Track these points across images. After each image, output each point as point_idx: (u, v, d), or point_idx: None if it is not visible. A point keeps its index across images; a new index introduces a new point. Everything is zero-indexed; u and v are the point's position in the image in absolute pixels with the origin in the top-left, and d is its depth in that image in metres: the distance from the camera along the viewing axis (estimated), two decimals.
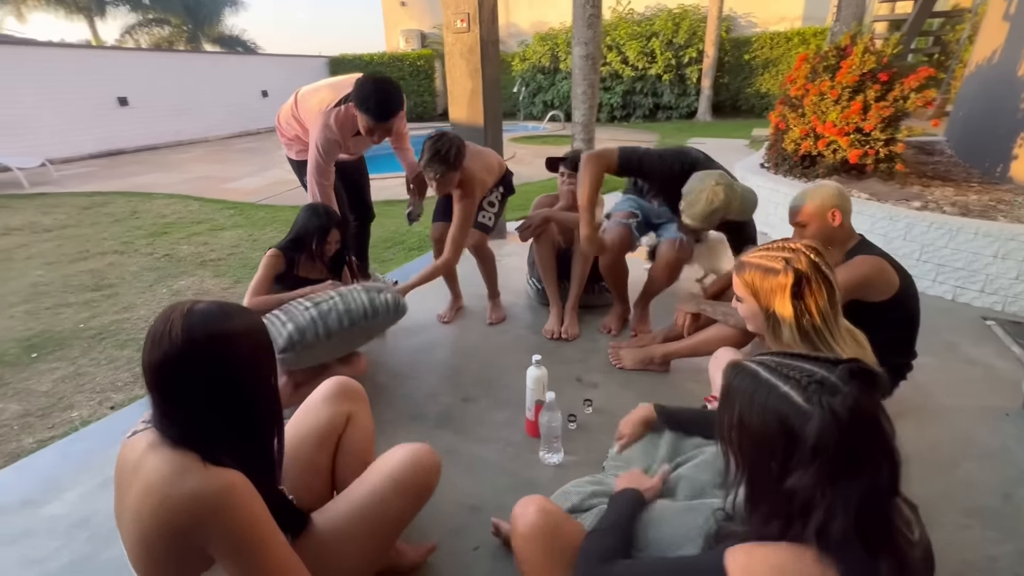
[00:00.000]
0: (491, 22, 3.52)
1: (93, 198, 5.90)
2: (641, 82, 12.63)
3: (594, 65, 5.37)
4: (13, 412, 2.14)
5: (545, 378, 1.75)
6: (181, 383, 0.83)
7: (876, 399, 0.63)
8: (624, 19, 12.82)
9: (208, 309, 0.87)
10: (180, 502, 0.78)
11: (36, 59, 8.28)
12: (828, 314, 1.11)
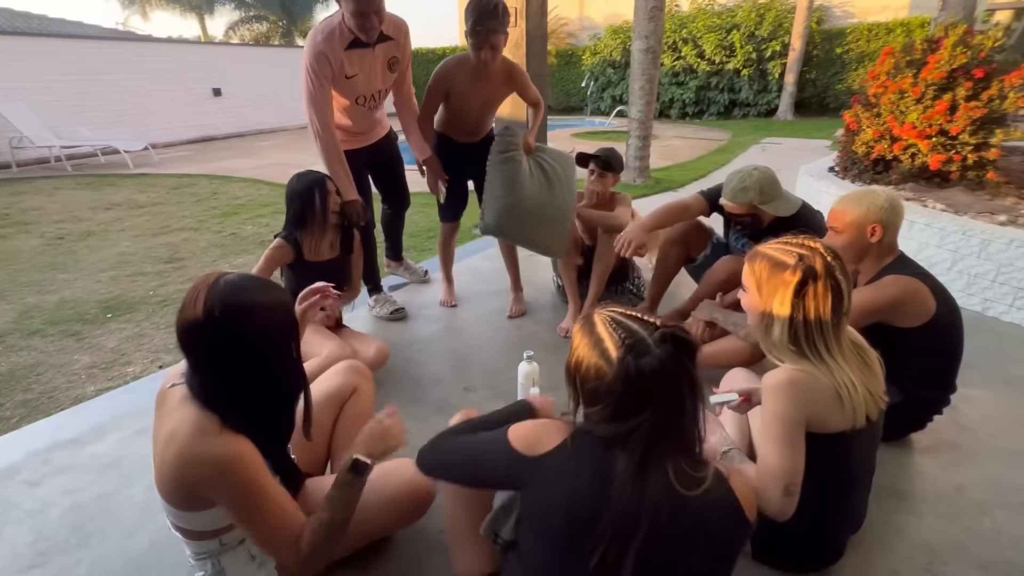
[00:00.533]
0: (539, 16, 3.51)
1: (182, 179, 6.55)
2: (717, 77, 12.02)
3: (654, 60, 5.20)
4: (83, 363, 2.45)
5: (536, 374, 1.75)
6: (204, 349, 0.93)
7: (683, 363, 0.76)
8: (704, 11, 12.22)
9: (231, 281, 0.94)
10: (192, 460, 0.90)
11: (146, 54, 9.31)
12: (827, 323, 1.03)
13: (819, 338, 1.03)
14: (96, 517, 1.49)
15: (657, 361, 0.74)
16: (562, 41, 14.93)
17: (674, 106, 12.73)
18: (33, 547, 1.39)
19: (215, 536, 1.02)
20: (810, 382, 1.03)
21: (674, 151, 8.18)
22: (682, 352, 0.76)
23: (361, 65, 2.14)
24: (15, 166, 7.24)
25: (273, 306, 0.97)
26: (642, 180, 5.71)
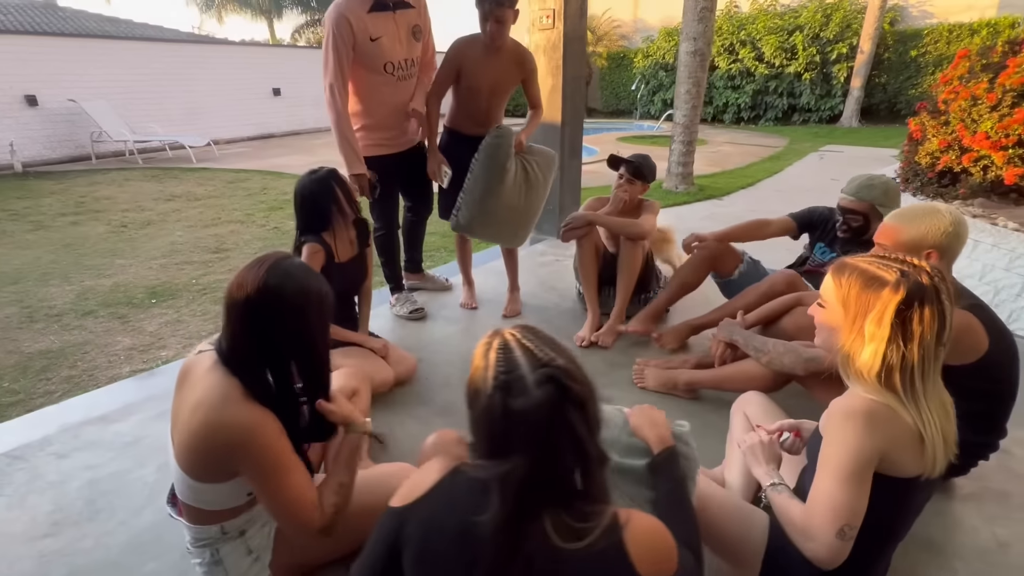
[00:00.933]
0: (578, 18, 3.45)
1: (238, 174, 6.92)
2: (776, 81, 11.48)
3: (703, 63, 5.01)
4: (124, 345, 2.62)
5: None
6: (248, 318, 0.98)
7: (563, 410, 0.66)
8: (765, 12, 11.71)
9: (292, 264, 1.04)
10: (220, 426, 0.95)
11: (213, 55, 9.92)
12: (930, 357, 0.89)
13: (917, 371, 0.88)
14: (108, 493, 1.57)
15: (530, 404, 0.65)
16: (614, 43, 14.71)
17: (728, 110, 12.27)
18: (50, 517, 1.48)
19: (219, 520, 1.06)
20: (890, 416, 0.90)
21: (723, 157, 7.86)
22: (564, 398, 0.66)
23: (385, 28, 2.13)
24: (94, 158, 7.89)
25: (321, 296, 1.05)
26: (685, 187, 5.51)
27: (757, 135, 10.38)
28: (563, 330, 2.53)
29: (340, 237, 1.94)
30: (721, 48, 11.83)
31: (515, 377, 0.67)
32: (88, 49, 8.10)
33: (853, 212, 1.98)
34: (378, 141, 2.33)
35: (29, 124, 7.40)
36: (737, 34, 11.62)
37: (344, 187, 1.89)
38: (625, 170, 2.47)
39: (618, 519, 0.69)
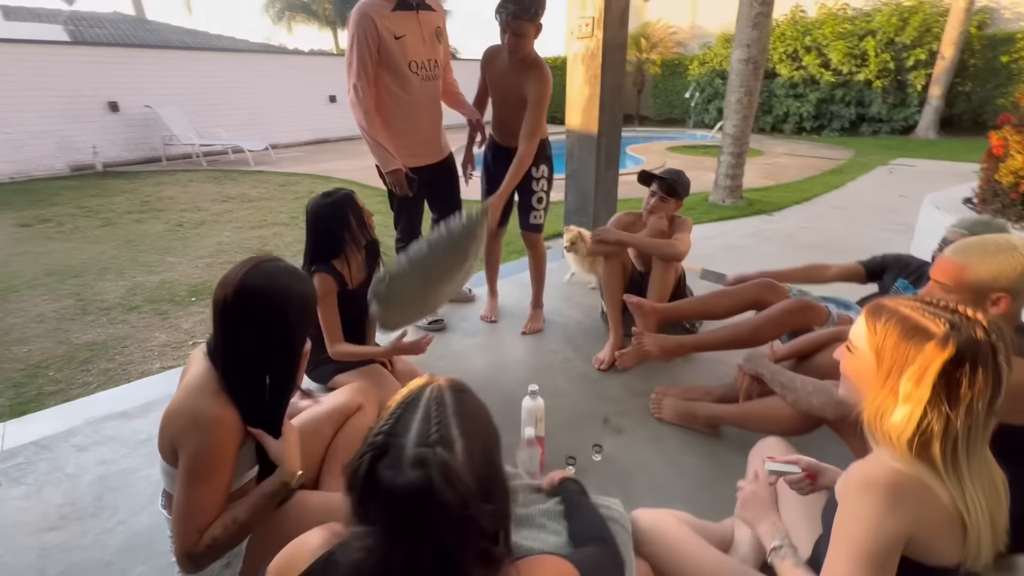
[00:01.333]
0: (618, 26, 3.34)
1: (290, 177, 7.22)
2: (844, 89, 10.78)
3: (756, 71, 4.76)
4: (160, 341, 2.74)
5: (539, 411, 1.61)
6: (223, 318, 1.04)
7: (441, 499, 0.54)
8: (834, 16, 11.04)
9: (272, 266, 1.07)
10: (185, 412, 1.01)
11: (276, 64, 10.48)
12: (978, 426, 0.75)
13: (962, 443, 0.74)
14: (116, 490, 1.61)
15: (397, 483, 0.54)
16: (669, 50, 14.33)
17: (789, 120, 11.64)
18: (59, 510, 1.54)
19: None
20: (920, 491, 0.75)
21: (779, 170, 7.44)
22: (446, 485, 0.54)
23: (408, 27, 2.12)
24: (165, 160, 8.49)
25: (299, 301, 1.08)
26: (732, 200, 5.23)
27: (820, 146, 9.78)
28: (583, 350, 2.43)
29: (352, 263, 1.86)
30: (783, 55, 11.26)
31: (393, 444, 0.57)
32: (163, 59, 8.75)
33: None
34: (407, 151, 2.27)
35: (111, 128, 8.06)
36: (801, 40, 11.02)
37: (358, 213, 1.80)
38: (658, 187, 2.35)
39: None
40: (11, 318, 3.00)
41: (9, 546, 1.42)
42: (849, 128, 11.10)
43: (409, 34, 2.12)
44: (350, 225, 1.78)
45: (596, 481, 1.63)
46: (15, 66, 7.13)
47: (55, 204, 5.74)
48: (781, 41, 11.29)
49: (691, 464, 1.71)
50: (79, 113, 7.71)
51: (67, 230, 4.77)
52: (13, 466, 1.72)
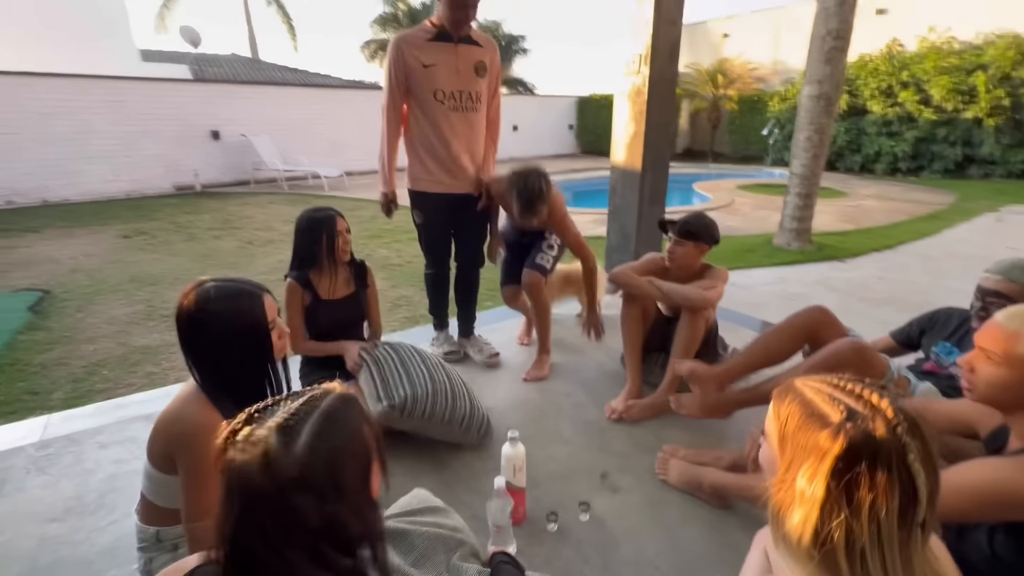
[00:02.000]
0: (667, 62, 3.27)
1: (357, 202, 7.67)
2: (947, 127, 9.81)
3: (828, 107, 4.46)
4: None
5: (518, 459, 1.52)
6: (181, 336, 1.11)
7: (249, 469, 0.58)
8: (937, 50, 10.18)
9: (208, 288, 1.12)
10: (175, 418, 1.08)
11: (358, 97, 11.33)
12: (887, 537, 0.61)
13: (874, 560, 0.61)
14: (119, 490, 1.71)
15: (235, 458, 0.59)
16: (748, 87, 13.87)
17: (881, 160, 10.74)
18: (66, 503, 1.65)
19: (159, 523, 1.14)
20: None
21: (862, 213, 6.84)
22: (263, 466, 0.57)
23: (441, 57, 2.15)
24: (253, 183, 9.37)
25: (231, 314, 1.11)
26: (799, 244, 4.85)
27: (917, 189, 8.91)
28: (597, 395, 2.29)
29: (329, 275, 1.95)
30: (875, 90, 10.51)
31: (254, 423, 0.62)
32: (260, 93, 9.78)
33: (999, 296, 1.56)
34: (431, 177, 2.30)
35: (211, 154, 9.06)
36: (897, 75, 10.24)
37: (331, 233, 1.88)
38: (672, 230, 2.20)
39: None
40: (89, 318, 3.36)
41: (15, 532, 1.54)
42: (954, 170, 10.03)
43: (440, 64, 2.15)
44: (321, 243, 1.88)
45: (576, 544, 1.50)
46: (143, 99, 8.27)
47: (154, 219, 6.48)
48: (874, 76, 10.57)
49: (690, 538, 1.53)
50: (187, 140, 8.76)
51: (157, 243, 5.34)
52: (43, 456, 1.88)
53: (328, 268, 1.94)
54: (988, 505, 0.93)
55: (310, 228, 1.90)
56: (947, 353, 1.79)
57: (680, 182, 11.48)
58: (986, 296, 1.59)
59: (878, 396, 0.65)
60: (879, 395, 0.65)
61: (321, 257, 1.90)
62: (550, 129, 15.07)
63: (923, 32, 10.65)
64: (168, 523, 1.13)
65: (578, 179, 11.03)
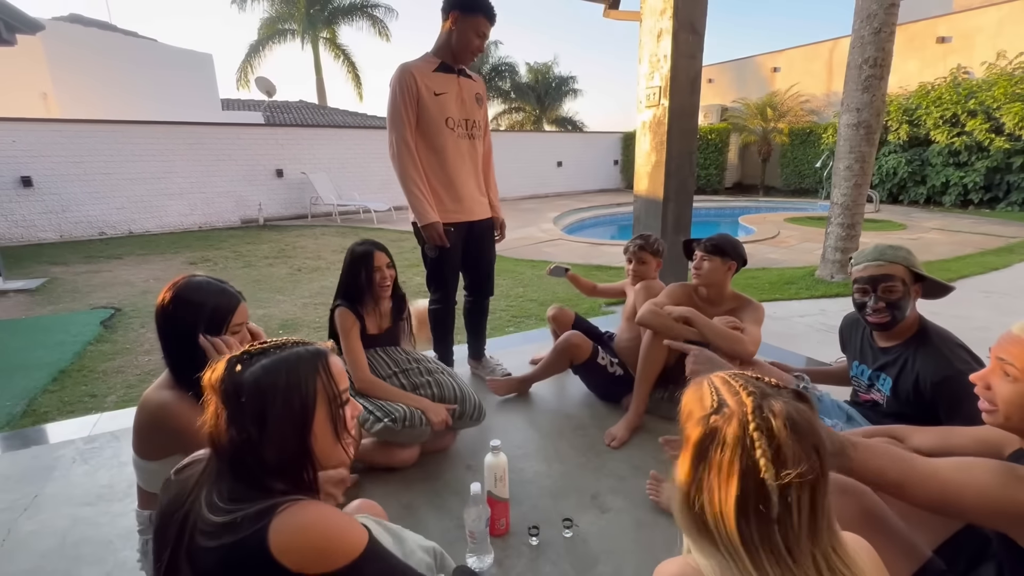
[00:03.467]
0: (687, 93, 3.32)
1: (401, 234, 8.03)
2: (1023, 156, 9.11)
3: (868, 135, 4.33)
4: None
5: (499, 469, 1.54)
6: (160, 328, 1.22)
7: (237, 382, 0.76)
8: (1006, 76, 9.60)
9: (183, 282, 1.22)
10: (144, 405, 1.19)
11: None
12: (725, 516, 0.63)
13: (720, 531, 0.64)
14: None
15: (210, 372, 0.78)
16: (800, 119, 13.55)
17: (950, 192, 10.07)
18: (100, 490, 1.83)
19: (153, 508, 1.20)
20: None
21: (922, 247, 6.42)
22: (231, 378, 0.75)
23: (448, 86, 2.24)
24: (310, 216, 10.07)
25: (198, 304, 1.20)
26: (842, 276, 4.62)
27: (989, 222, 8.26)
28: (602, 420, 2.27)
29: (371, 311, 1.98)
30: (939, 120, 9.97)
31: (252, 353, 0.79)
32: (320, 135, 10.62)
33: (889, 279, 1.49)
34: (440, 206, 2.28)
35: (275, 190, 9.87)
36: (963, 103, 9.69)
37: (369, 269, 1.91)
38: (698, 247, 2.17)
39: (272, 510, 0.71)
40: (150, 333, 3.71)
41: (54, 512, 1.72)
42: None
43: (449, 93, 2.24)
44: (359, 277, 1.91)
45: (554, 559, 1.49)
46: (217, 142, 9.21)
47: (219, 249, 7.09)
48: (936, 105, 10.05)
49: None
50: (254, 178, 9.60)
51: (218, 269, 5.84)
52: (89, 448, 2.10)
53: (371, 304, 1.94)
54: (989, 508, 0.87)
55: (352, 262, 1.92)
56: (860, 374, 1.69)
57: (727, 216, 11.24)
58: (878, 285, 1.50)
59: (748, 395, 0.66)
60: (753, 395, 0.66)
61: (364, 292, 1.92)
62: (594, 165, 15.27)
63: (989, 58, 10.09)
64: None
65: (622, 212, 11.05)
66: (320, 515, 0.73)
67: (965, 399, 1.43)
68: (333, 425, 0.80)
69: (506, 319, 4.01)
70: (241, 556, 0.68)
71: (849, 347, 1.77)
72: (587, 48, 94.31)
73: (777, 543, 0.61)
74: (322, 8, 17.52)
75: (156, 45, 12.67)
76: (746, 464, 0.61)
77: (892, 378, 1.55)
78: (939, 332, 1.54)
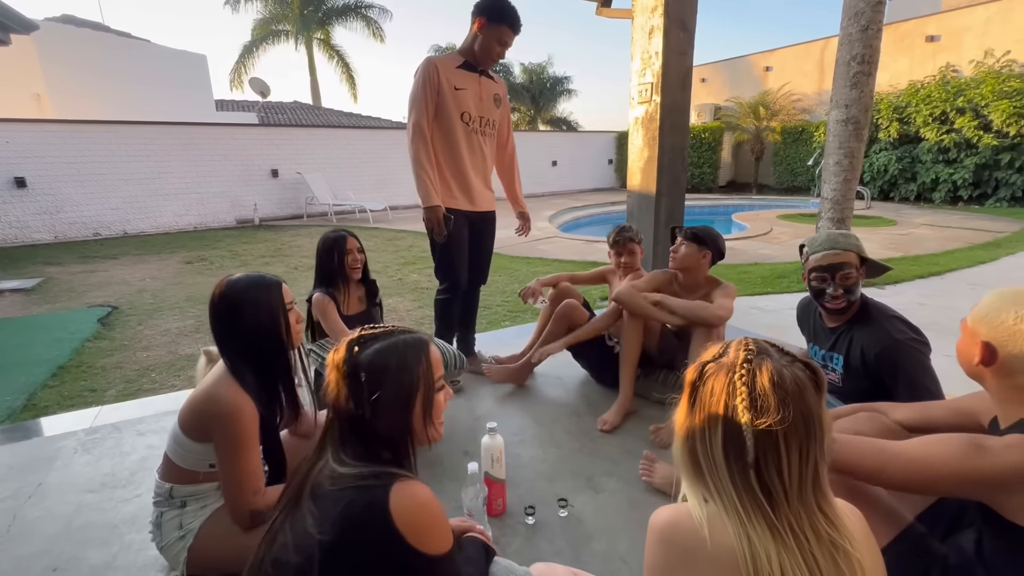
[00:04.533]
0: (679, 90, 3.38)
1: (397, 233, 8.08)
2: (1012, 153, 9.25)
3: (857, 132, 4.39)
4: None
5: (496, 450, 1.59)
6: (215, 323, 1.29)
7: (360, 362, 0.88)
8: (993, 74, 9.73)
9: (237, 279, 1.30)
10: (208, 397, 1.23)
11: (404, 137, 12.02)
12: (731, 436, 0.68)
13: (713, 473, 0.69)
14: (147, 469, 1.90)
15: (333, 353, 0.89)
16: (792, 118, 13.67)
17: (939, 188, 10.20)
18: (103, 478, 1.86)
19: (175, 480, 1.29)
20: (695, 534, 0.69)
21: (912, 241, 6.51)
22: (352, 359, 0.87)
23: (468, 83, 2.34)
24: (306, 216, 10.08)
25: (258, 303, 1.29)
26: None
27: (979, 218, 8.38)
28: (597, 406, 2.32)
29: (345, 292, 2.16)
30: (929, 117, 10.10)
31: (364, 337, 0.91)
32: (316, 135, 10.62)
33: (846, 267, 1.59)
34: (446, 192, 2.36)
35: (270, 190, 9.86)
36: (952, 101, 9.82)
37: (342, 251, 2.11)
38: (680, 235, 2.27)
39: (394, 476, 0.81)
40: (147, 331, 3.73)
41: (58, 499, 1.75)
42: (1022, 197, 9.37)
43: (468, 89, 2.33)
44: (333, 260, 2.10)
45: (550, 537, 1.54)
46: (212, 142, 9.20)
47: (215, 248, 7.10)
48: (926, 103, 10.18)
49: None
50: (249, 178, 9.59)
51: (214, 268, 5.85)
52: (91, 439, 2.12)
53: (342, 286, 2.14)
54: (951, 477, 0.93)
55: (324, 247, 2.13)
56: (815, 355, 1.78)
57: (720, 213, 11.32)
58: (836, 274, 1.59)
59: (747, 351, 0.71)
60: (752, 351, 0.71)
61: (336, 275, 2.12)
62: (589, 164, 15.34)
63: (977, 57, 10.23)
64: (182, 481, 1.28)
65: (616, 211, 11.10)
66: (435, 501, 0.83)
67: (903, 365, 1.52)
68: (426, 407, 0.90)
69: (502, 314, 4.05)
70: (362, 506, 0.77)
71: (805, 331, 1.85)
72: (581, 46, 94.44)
73: (753, 487, 0.66)
74: (316, 9, 17.50)
75: (149, 46, 12.64)
76: (727, 409, 0.67)
77: (843, 356, 1.63)
78: (878, 307, 1.63)
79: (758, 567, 0.63)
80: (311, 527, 0.77)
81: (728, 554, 0.65)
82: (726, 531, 0.67)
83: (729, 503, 0.67)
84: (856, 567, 0.65)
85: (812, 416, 0.68)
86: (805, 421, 0.67)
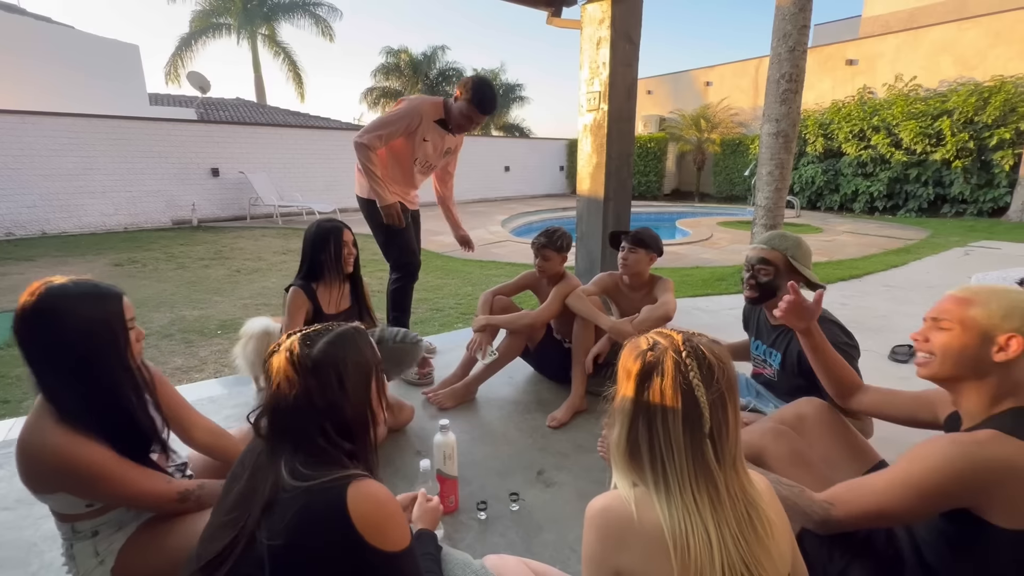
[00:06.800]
0: (624, 99, 3.53)
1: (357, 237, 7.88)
2: (918, 168, 10.22)
3: (786, 144, 4.72)
4: (176, 365, 3.04)
5: (448, 447, 1.60)
6: (20, 342, 1.02)
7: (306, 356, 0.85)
8: (903, 96, 10.73)
9: (62, 285, 1.04)
10: (34, 451, 1.02)
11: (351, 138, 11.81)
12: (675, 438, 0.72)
13: (667, 455, 0.73)
14: None
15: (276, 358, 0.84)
16: (730, 130, 14.49)
17: (859, 199, 11.11)
18: (18, 495, 1.72)
19: (69, 521, 1.14)
20: (627, 515, 0.74)
21: (836, 247, 7.05)
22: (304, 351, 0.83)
23: (435, 138, 2.64)
24: (249, 218, 9.65)
25: (85, 313, 1.04)
26: None
27: (892, 226, 9.17)
28: (548, 405, 2.37)
29: (331, 288, 2.02)
30: (849, 134, 11.00)
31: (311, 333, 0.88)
32: (260, 134, 10.22)
33: (764, 263, 1.73)
34: (395, 192, 2.67)
35: (210, 190, 9.38)
36: (868, 120, 10.75)
37: (338, 243, 1.98)
38: (626, 240, 2.39)
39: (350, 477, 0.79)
40: None
41: None
42: (928, 208, 10.37)
43: (431, 143, 2.63)
44: (329, 252, 1.97)
45: (501, 530, 1.57)
46: (147, 138, 8.65)
47: (148, 250, 6.67)
48: (847, 121, 11.08)
49: None
50: (187, 177, 9.08)
51: (147, 271, 5.50)
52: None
53: (331, 278, 2.00)
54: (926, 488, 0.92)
55: (318, 236, 1.98)
56: (757, 350, 1.92)
57: (665, 220, 11.80)
58: (754, 265, 1.75)
59: (677, 334, 0.78)
60: (681, 333, 0.79)
61: (327, 266, 1.97)
62: (541, 170, 15.58)
63: (889, 81, 11.25)
64: (79, 520, 1.13)
65: (567, 216, 11.34)
66: (391, 498, 0.83)
67: None
68: (380, 386, 0.92)
69: (455, 316, 4.06)
70: (319, 508, 0.76)
71: (750, 326, 1.98)
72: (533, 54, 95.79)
73: (708, 457, 0.72)
74: (260, 3, 16.85)
75: (73, 32, 11.72)
76: (683, 384, 0.72)
77: (781, 353, 1.76)
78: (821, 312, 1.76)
79: (688, 542, 0.69)
80: (260, 535, 0.75)
81: (657, 531, 0.71)
82: (654, 510, 0.72)
83: (676, 481, 0.72)
84: (767, 523, 0.72)
85: (734, 379, 0.77)
86: (733, 384, 0.76)
